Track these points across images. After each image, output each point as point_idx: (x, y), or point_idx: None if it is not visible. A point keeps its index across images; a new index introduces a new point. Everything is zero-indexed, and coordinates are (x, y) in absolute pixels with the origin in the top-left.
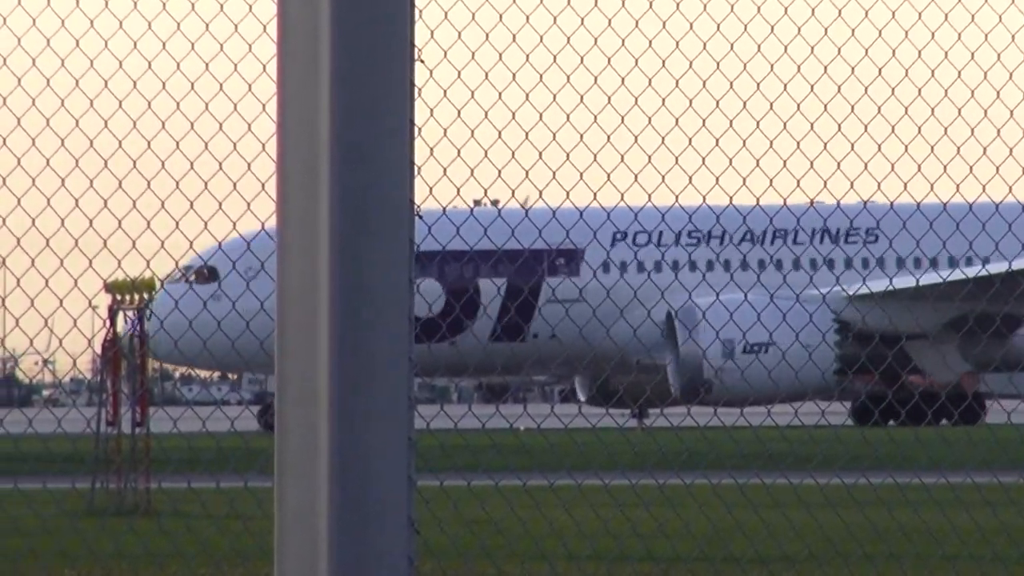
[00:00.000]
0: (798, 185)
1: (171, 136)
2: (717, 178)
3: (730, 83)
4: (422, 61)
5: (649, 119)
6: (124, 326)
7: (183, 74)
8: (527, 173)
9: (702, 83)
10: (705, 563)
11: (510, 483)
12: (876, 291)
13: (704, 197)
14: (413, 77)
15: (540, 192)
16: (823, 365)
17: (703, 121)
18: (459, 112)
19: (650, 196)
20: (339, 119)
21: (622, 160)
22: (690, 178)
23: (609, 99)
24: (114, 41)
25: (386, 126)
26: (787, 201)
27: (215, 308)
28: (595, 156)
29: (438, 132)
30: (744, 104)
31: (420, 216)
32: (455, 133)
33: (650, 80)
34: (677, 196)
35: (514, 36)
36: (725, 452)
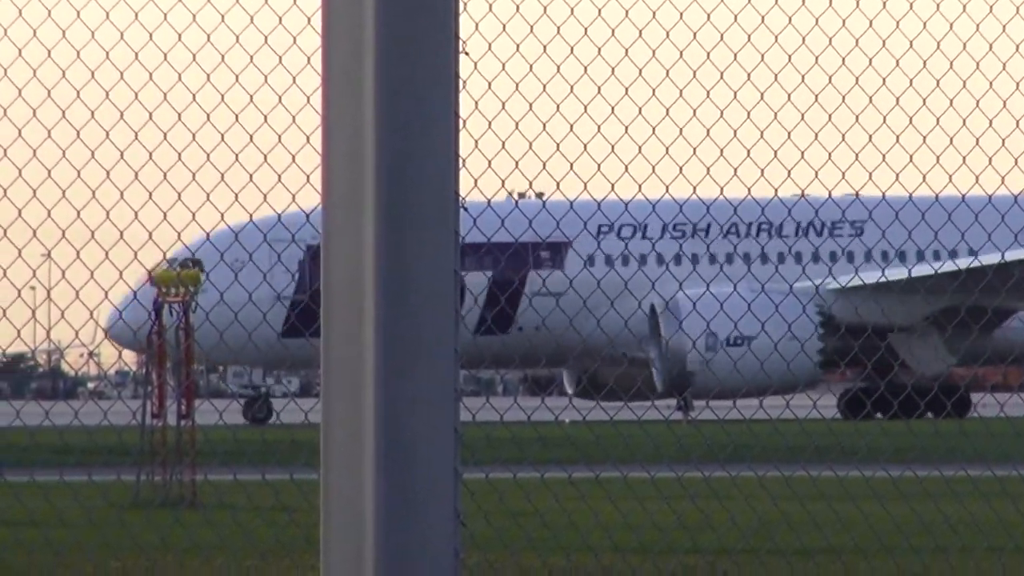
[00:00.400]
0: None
1: (216, 130)
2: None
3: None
4: (466, 53)
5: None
6: (169, 319)
7: (228, 67)
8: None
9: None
10: (751, 555)
11: (556, 475)
12: (860, 284)
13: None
14: (457, 69)
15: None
16: (806, 358)
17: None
18: (503, 104)
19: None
20: (384, 111)
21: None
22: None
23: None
24: (143, 40)
25: (430, 118)
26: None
27: (201, 300)
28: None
29: (482, 124)
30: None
31: (465, 208)
32: (496, 125)
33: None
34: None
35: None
36: (771, 445)
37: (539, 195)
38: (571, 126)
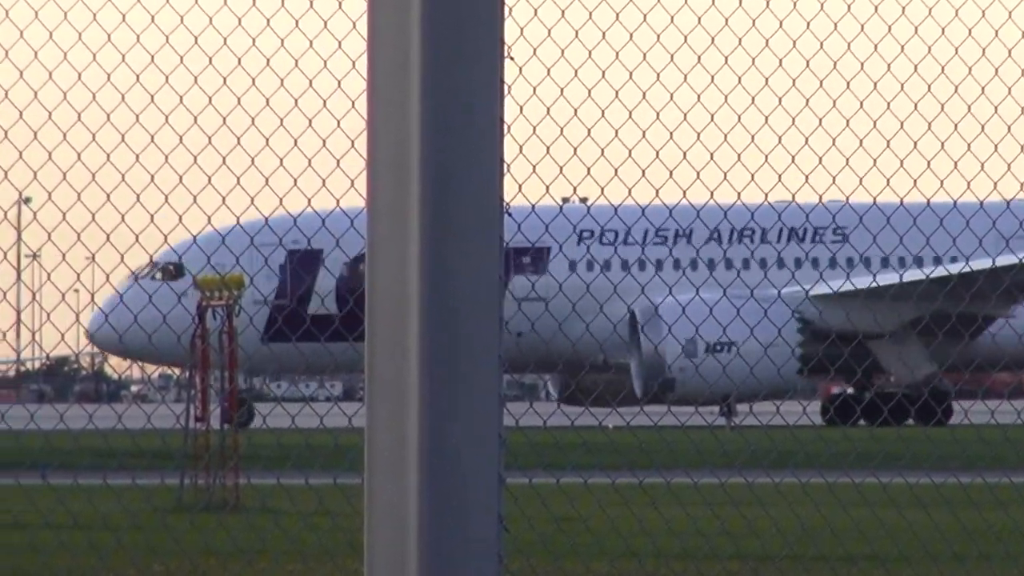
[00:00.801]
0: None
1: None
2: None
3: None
4: (512, 58)
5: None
6: (213, 323)
7: (273, 71)
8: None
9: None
10: (794, 561)
11: (599, 481)
12: (841, 290)
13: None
14: (503, 75)
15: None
16: (786, 364)
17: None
18: (548, 110)
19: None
20: (429, 117)
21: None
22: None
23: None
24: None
25: (476, 124)
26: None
27: (185, 304)
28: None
29: (527, 129)
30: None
31: (509, 213)
32: (541, 130)
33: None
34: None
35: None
36: (814, 451)
37: (583, 200)
38: (616, 132)
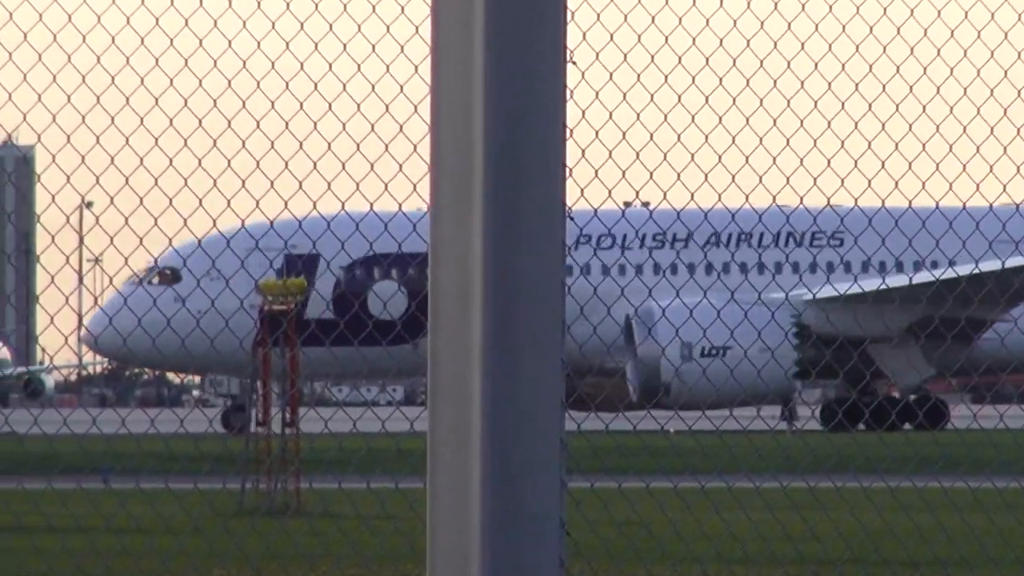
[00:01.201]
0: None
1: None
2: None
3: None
4: (574, 63)
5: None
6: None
7: (335, 76)
8: (678, 175)
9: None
10: (855, 566)
11: (661, 485)
12: (836, 295)
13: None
14: (565, 79)
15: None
16: (782, 368)
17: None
18: (610, 114)
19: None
20: (492, 122)
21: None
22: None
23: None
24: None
25: (538, 128)
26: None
27: (180, 309)
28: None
29: (589, 133)
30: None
31: (571, 218)
32: (604, 134)
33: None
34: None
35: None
36: (875, 455)
37: (645, 204)
38: (678, 136)
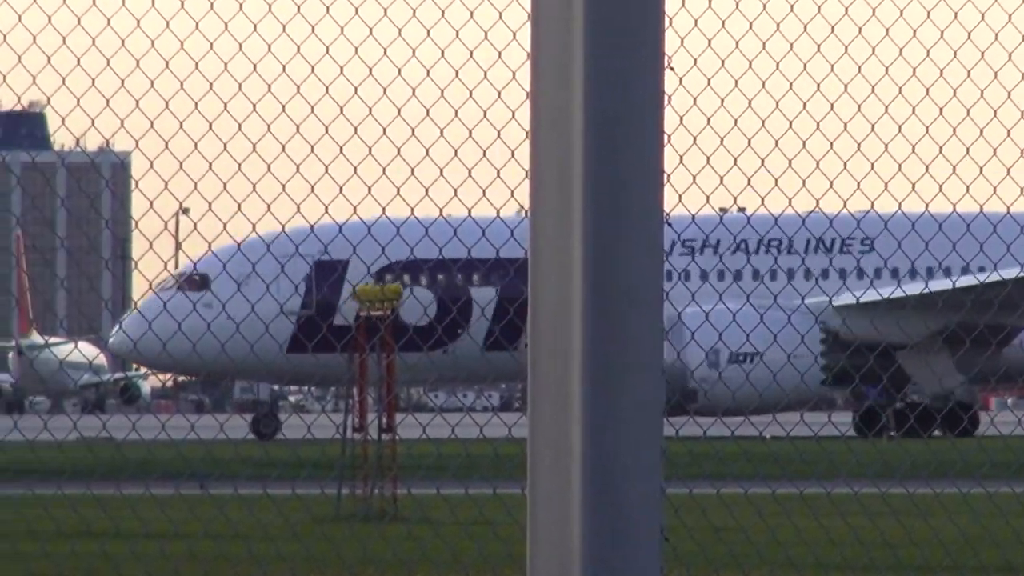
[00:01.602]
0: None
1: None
2: (748, 179)
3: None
4: (672, 69)
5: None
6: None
7: (435, 83)
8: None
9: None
10: (954, 571)
11: (759, 491)
12: (865, 301)
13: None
14: (663, 86)
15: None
16: (810, 375)
17: (708, 120)
18: (708, 120)
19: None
20: (591, 128)
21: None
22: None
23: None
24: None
25: (636, 134)
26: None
27: (206, 315)
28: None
29: (687, 139)
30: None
31: (669, 224)
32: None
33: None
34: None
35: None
36: (974, 461)
37: (741, 210)
38: (776, 141)
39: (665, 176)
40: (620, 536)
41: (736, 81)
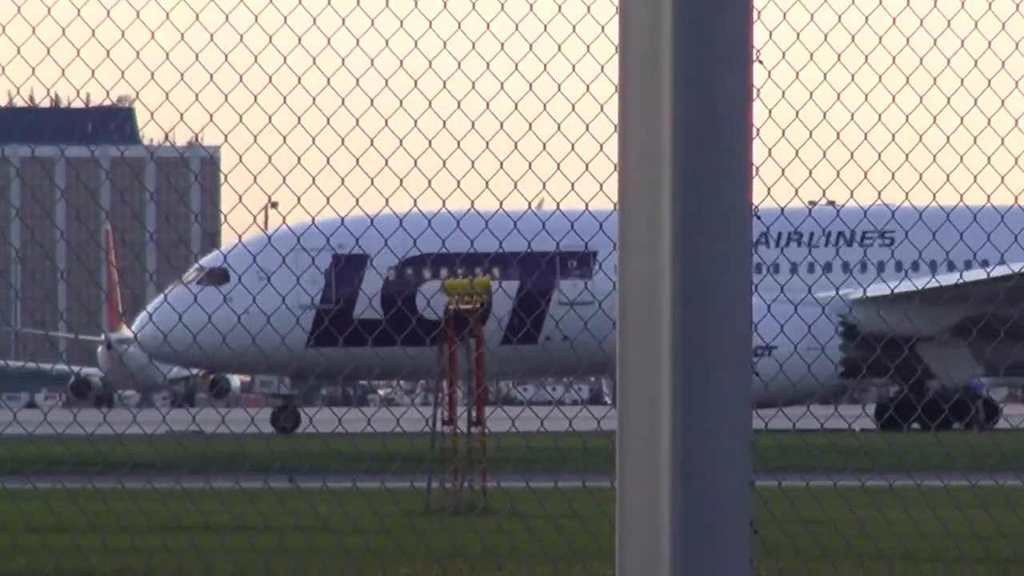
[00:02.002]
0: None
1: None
2: (783, 169)
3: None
4: (760, 62)
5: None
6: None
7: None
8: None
9: None
10: None
11: (848, 483)
12: (883, 294)
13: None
14: (751, 79)
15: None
16: (828, 368)
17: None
18: (797, 113)
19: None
20: (679, 122)
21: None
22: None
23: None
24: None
25: (725, 128)
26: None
27: (225, 308)
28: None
29: (776, 132)
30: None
31: (758, 217)
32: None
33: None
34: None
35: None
36: None
37: (831, 203)
38: (865, 134)
39: (754, 169)
40: (709, 528)
41: (825, 75)
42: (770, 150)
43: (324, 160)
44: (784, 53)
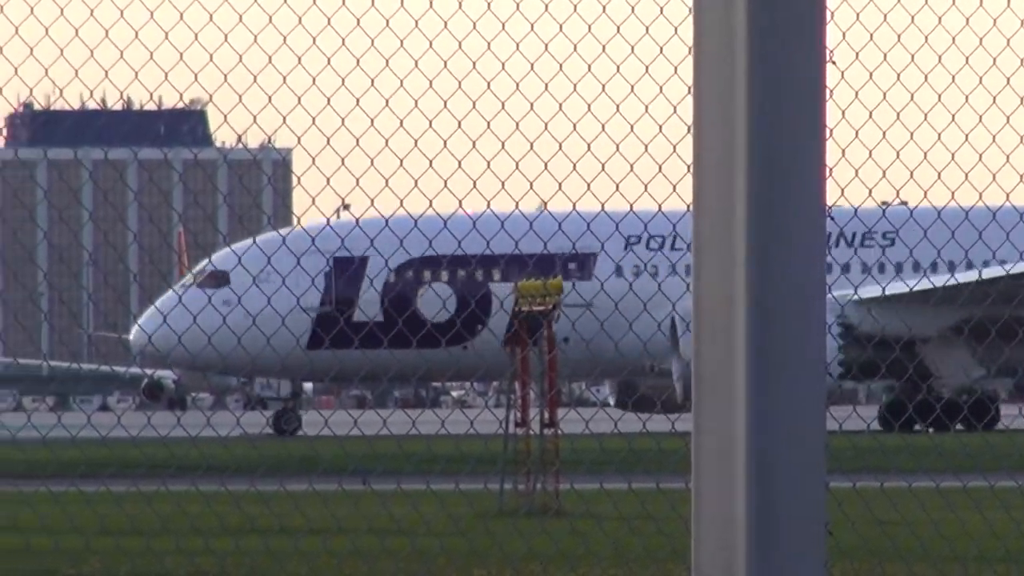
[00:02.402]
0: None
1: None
2: (832, 170)
3: None
4: (833, 63)
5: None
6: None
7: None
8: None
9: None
10: None
11: (923, 485)
12: (882, 295)
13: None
14: (825, 80)
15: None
16: (827, 368)
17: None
18: (871, 114)
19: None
20: (754, 123)
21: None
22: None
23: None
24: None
25: (799, 129)
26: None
27: (224, 311)
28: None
29: (849, 133)
30: None
31: (832, 217)
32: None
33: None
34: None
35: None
36: None
37: (903, 203)
38: (939, 135)
39: (827, 169)
40: (784, 530)
41: (899, 75)
42: (844, 151)
43: (397, 162)
44: (858, 54)
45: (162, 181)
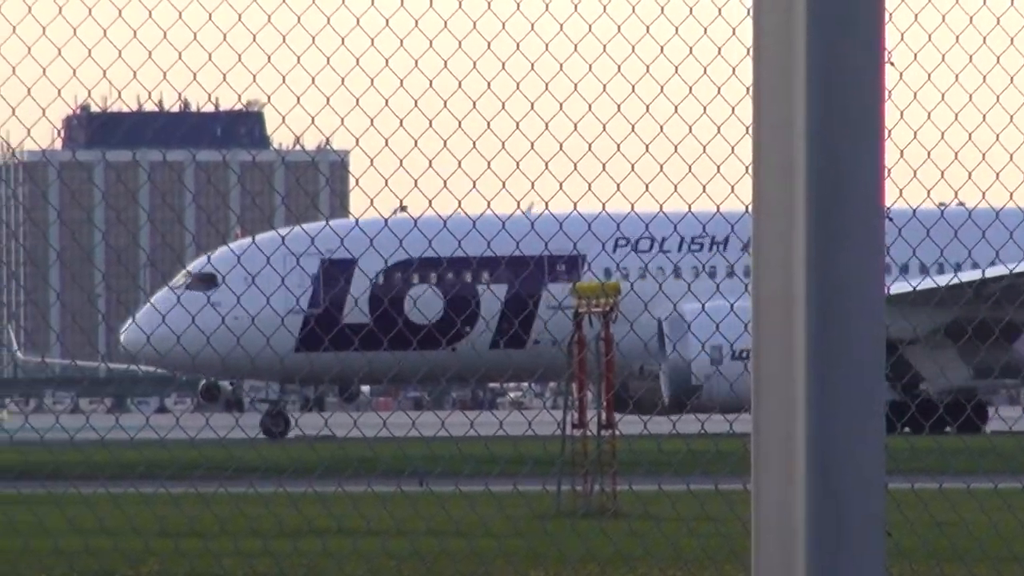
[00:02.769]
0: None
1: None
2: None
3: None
4: (891, 64)
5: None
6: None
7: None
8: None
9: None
10: None
11: (981, 485)
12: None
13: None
14: (883, 81)
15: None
16: None
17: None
18: (929, 115)
19: (668, 202)
20: (813, 125)
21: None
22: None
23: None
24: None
25: (858, 131)
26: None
27: (214, 313)
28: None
29: (908, 134)
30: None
31: (890, 218)
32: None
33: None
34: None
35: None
36: None
37: (961, 204)
38: (997, 135)
39: (886, 170)
40: (843, 531)
41: (957, 76)
42: (902, 152)
43: (456, 162)
44: (916, 55)
45: (219, 182)
